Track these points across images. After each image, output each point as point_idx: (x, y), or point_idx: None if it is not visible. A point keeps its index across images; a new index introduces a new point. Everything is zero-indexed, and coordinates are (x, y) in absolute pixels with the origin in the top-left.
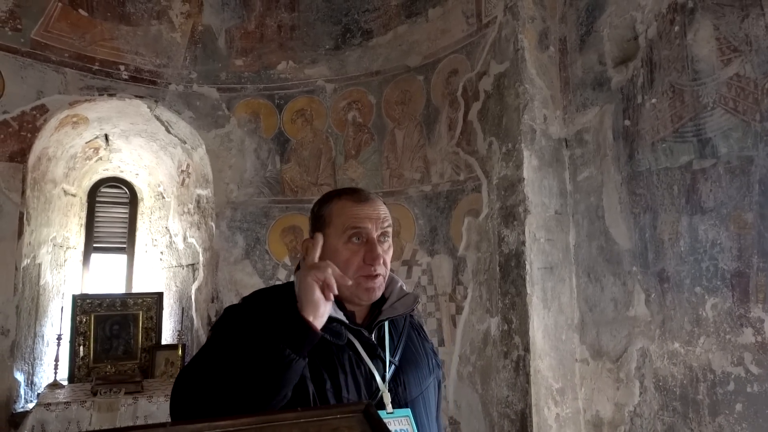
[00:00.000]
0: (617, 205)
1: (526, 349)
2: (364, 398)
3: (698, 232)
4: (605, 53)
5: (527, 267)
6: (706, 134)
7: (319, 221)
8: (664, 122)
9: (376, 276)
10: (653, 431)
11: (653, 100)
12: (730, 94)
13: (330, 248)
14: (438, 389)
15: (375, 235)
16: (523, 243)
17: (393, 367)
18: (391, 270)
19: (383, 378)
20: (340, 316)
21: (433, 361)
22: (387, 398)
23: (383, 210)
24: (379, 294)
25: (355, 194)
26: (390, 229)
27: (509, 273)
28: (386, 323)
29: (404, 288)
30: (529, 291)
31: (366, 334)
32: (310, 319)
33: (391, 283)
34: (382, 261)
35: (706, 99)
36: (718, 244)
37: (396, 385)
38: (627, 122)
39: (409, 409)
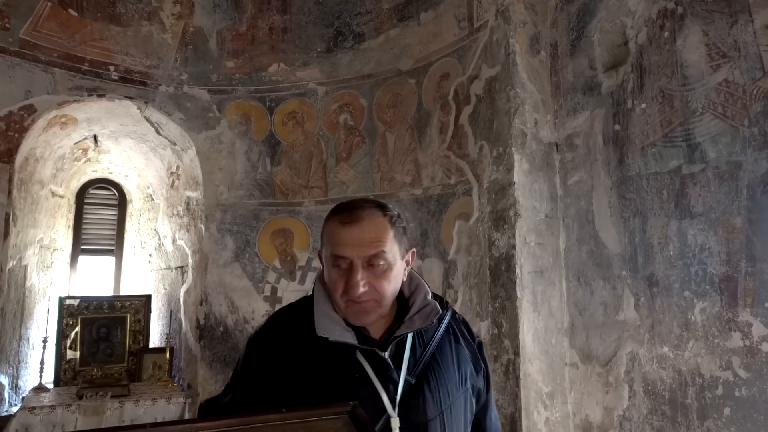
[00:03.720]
0: (607, 210)
1: (516, 353)
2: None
3: (687, 236)
4: (596, 58)
5: (517, 271)
6: (696, 139)
7: (321, 239)
8: (653, 127)
9: (362, 302)
10: None
11: (643, 105)
12: (719, 100)
13: (325, 267)
14: (476, 395)
15: (358, 261)
16: (514, 247)
17: (408, 386)
18: (420, 275)
19: (393, 400)
20: (348, 338)
21: (468, 370)
22: (395, 424)
23: (371, 232)
24: (370, 318)
25: (343, 214)
26: (383, 251)
27: (499, 277)
28: (409, 335)
29: (428, 297)
30: (519, 295)
31: (379, 353)
32: None
33: (416, 291)
34: (361, 288)
35: (696, 104)
36: (707, 248)
37: (409, 407)
38: (617, 127)
39: None
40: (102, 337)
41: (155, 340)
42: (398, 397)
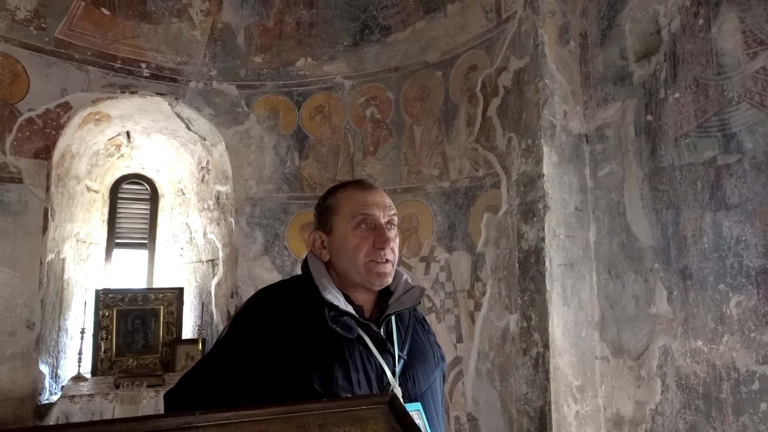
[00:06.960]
0: (639, 201)
1: (546, 346)
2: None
3: (722, 228)
4: (627, 47)
5: (547, 263)
6: (731, 129)
7: (325, 212)
8: (687, 117)
9: (387, 261)
10: (675, 430)
11: (676, 95)
12: (756, 88)
13: (339, 236)
14: (442, 382)
15: (383, 221)
16: (543, 239)
17: (402, 361)
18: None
19: (393, 373)
20: (350, 309)
21: (438, 353)
22: (398, 393)
23: (388, 199)
24: (390, 279)
25: (360, 183)
26: (396, 218)
27: (528, 269)
28: (393, 318)
29: (409, 281)
30: (548, 288)
31: (375, 328)
32: None
33: (396, 276)
34: (391, 246)
35: (731, 93)
36: (743, 240)
37: (405, 379)
38: (649, 117)
39: (419, 404)
40: (136, 329)
41: (188, 331)
42: (398, 370)
